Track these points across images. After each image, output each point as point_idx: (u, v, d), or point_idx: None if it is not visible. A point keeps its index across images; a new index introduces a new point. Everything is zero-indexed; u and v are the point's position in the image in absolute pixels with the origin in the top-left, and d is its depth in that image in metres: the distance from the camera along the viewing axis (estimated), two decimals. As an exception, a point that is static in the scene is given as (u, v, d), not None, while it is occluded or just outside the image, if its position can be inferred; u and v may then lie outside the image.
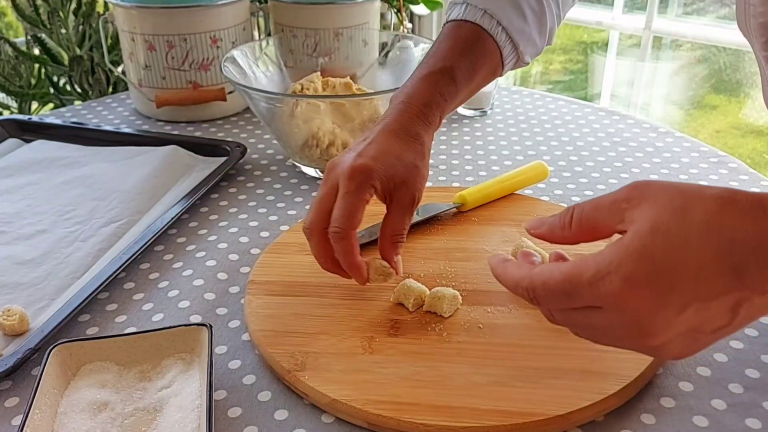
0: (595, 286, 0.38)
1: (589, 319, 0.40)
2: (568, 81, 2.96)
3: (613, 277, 0.37)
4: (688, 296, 0.37)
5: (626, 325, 0.38)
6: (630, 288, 0.37)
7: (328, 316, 0.57)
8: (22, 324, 0.57)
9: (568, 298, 0.39)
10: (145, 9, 0.96)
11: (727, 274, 0.36)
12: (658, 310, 0.37)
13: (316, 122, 0.78)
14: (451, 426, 0.46)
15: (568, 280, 0.39)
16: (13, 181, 0.83)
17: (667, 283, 0.37)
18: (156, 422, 0.47)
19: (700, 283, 0.37)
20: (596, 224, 0.42)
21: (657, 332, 0.38)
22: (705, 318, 0.37)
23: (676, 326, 0.38)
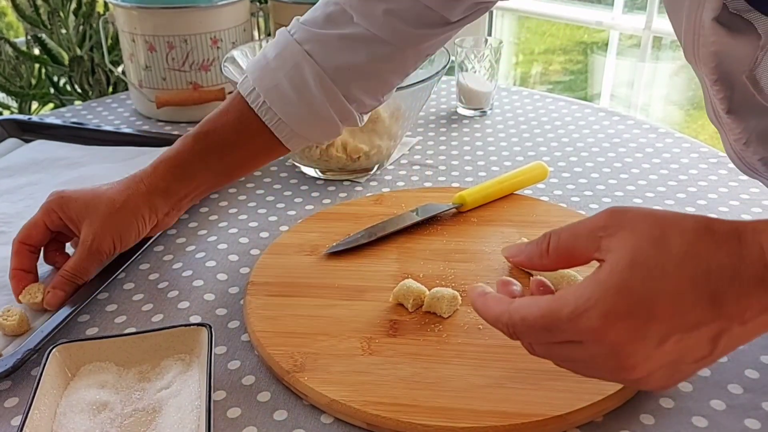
0: (574, 321, 0.38)
1: (570, 352, 0.40)
2: (568, 81, 2.96)
3: (592, 313, 0.37)
4: (666, 327, 0.37)
5: (606, 359, 0.38)
6: (609, 323, 0.37)
7: (327, 317, 0.57)
8: (22, 324, 0.57)
9: (548, 333, 0.39)
10: (146, 9, 0.96)
11: (705, 304, 0.36)
12: (637, 342, 0.37)
13: (316, 123, 0.78)
14: (449, 427, 0.46)
15: (548, 316, 0.39)
16: (12, 181, 0.83)
17: (646, 314, 0.37)
18: (155, 423, 0.47)
19: (678, 314, 0.37)
20: (573, 252, 0.42)
21: (637, 365, 0.38)
22: (685, 348, 0.37)
23: (657, 358, 0.38)
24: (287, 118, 0.62)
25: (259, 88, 0.61)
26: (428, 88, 0.80)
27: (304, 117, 0.62)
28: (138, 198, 0.61)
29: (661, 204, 0.77)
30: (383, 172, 0.86)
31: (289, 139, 0.64)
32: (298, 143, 0.65)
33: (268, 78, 0.61)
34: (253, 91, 0.62)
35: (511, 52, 2.96)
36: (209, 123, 0.64)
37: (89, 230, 0.59)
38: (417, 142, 0.94)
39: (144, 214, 0.61)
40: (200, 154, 0.63)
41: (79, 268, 0.60)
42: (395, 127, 0.82)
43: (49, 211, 0.61)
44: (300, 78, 0.61)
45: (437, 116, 1.04)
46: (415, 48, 0.63)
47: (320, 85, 0.61)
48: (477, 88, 1.02)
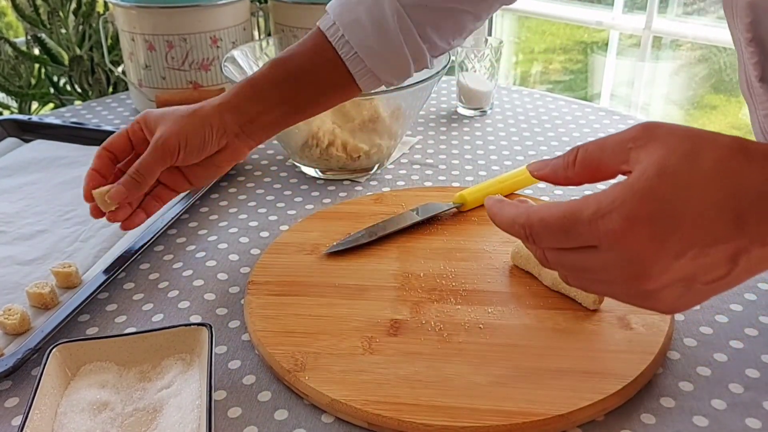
0: (595, 223, 0.37)
1: (584, 260, 0.39)
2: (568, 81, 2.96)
3: (614, 215, 0.36)
4: (687, 240, 0.36)
5: (622, 265, 0.37)
6: (630, 226, 0.36)
7: (328, 316, 0.57)
8: (23, 323, 0.57)
9: (566, 236, 0.38)
10: (145, 9, 0.96)
11: (728, 221, 0.36)
12: (656, 250, 0.36)
13: (316, 122, 0.78)
14: (450, 426, 0.46)
15: (567, 217, 0.38)
16: (12, 180, 0.83)
17: (669, 223, 0.36)
18: (156, 422, 0.47)
19: (699, 228, 0.36)
20: (600, 164, 0.40)
21: (652, 275, 0.37)
22: (702, 266, 0.37)
23: (673, 272, 0.37)
24: (363, 52, 0.62)
25: (339, 21, 0.62)
26: (428, 88, 0.80)
27: (380, 52, 0.63)
28: (209, 109, 0.61)
29: (662, 203, 0.77)
30: (383, 172, 0.86)
31: (362, 75, 0.64)
32: (370, 82, 0.65)
33: (348, 12, 0.62)
34: (333, 25, 0.62)
35: (511, 51, 2.96)
36: (287, 51, 0.64)
37: (159, 130, 0.60)
38: (417, 141, 0.94)
39: (213, 123, 0.60)
40: (274, 79, 0.63)
41: (143, 164, 0.59)
42: (395, 127, 0.82)
43: (133, 123, 0.62)
44: (379, 12, 0.61)
45: (437, 116, 1.04)
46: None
47: (398, 21, 0.61)
48: (477, 88, 1.02)
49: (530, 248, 0.42)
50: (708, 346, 0.55)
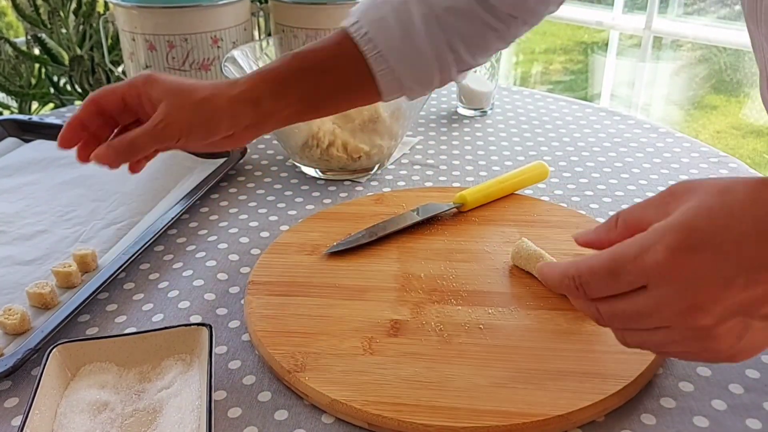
0: (641, 259, 0.37)
1: (635, 303, 0.39)
2: (568, 81, 2.96)
3: (658, 247, 0.37)
4: (732, 266, 0.36)
5: (673, 299, 0.37)
6: (673, 255, 0.36)
7: (328, 317, 0.57)
8: (23, 323, 0.57)
9: (614, 279, 0.39)
10: (146, 9, 0.96)
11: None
12: (702, 278, 0.36)
13: (317, 122, 0.78)
14: (451, 427, 0.46)
15: (613, 259, 0.39)
16: (12, 180, 0.83)
17: (711, 251, 0.36)
18: (156, 423, 0.47)
19: (742, 253, 0.36)
20: (641, 221, 0.41)
21: (705, 306, 0.37)
22: (754, 295, 0.36)
23: (725, 301, 0.36)
24: (387, 51, 0.60)
25: (364, 19, 0.61)
26: (429, 88, 0.80)
27: (405, 53, 0.61)
28: (224, 99, 0.57)
29: (662, 204, 0.77)
30: (384, 172, 0.86)
31: (385, 76, 0.61)
32: (391, 85, 0.62)
33: (373, 10, 0.61)
34: (356, 23, 0.61)
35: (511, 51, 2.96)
36: (310, 45, 0.62)
37: (163, 110, 0.56)
38: (418, 141, 0.94)
39: (223, 116, 0.57)
40: (296, 72, 0.60)
41: (136, 138, 0.56)
42: (396, 127, 0.82)
43: (132, 84, 0.57)
44: (406, 14, 0.60)
45: (438, 116, 1.04)
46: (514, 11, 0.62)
47: (425, 25, 0.60)
48: (477, 88, 1.02)
49: (583, 307, 0.42)
50: (708, 347, 0.55)
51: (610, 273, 0.39)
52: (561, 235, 0.68)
